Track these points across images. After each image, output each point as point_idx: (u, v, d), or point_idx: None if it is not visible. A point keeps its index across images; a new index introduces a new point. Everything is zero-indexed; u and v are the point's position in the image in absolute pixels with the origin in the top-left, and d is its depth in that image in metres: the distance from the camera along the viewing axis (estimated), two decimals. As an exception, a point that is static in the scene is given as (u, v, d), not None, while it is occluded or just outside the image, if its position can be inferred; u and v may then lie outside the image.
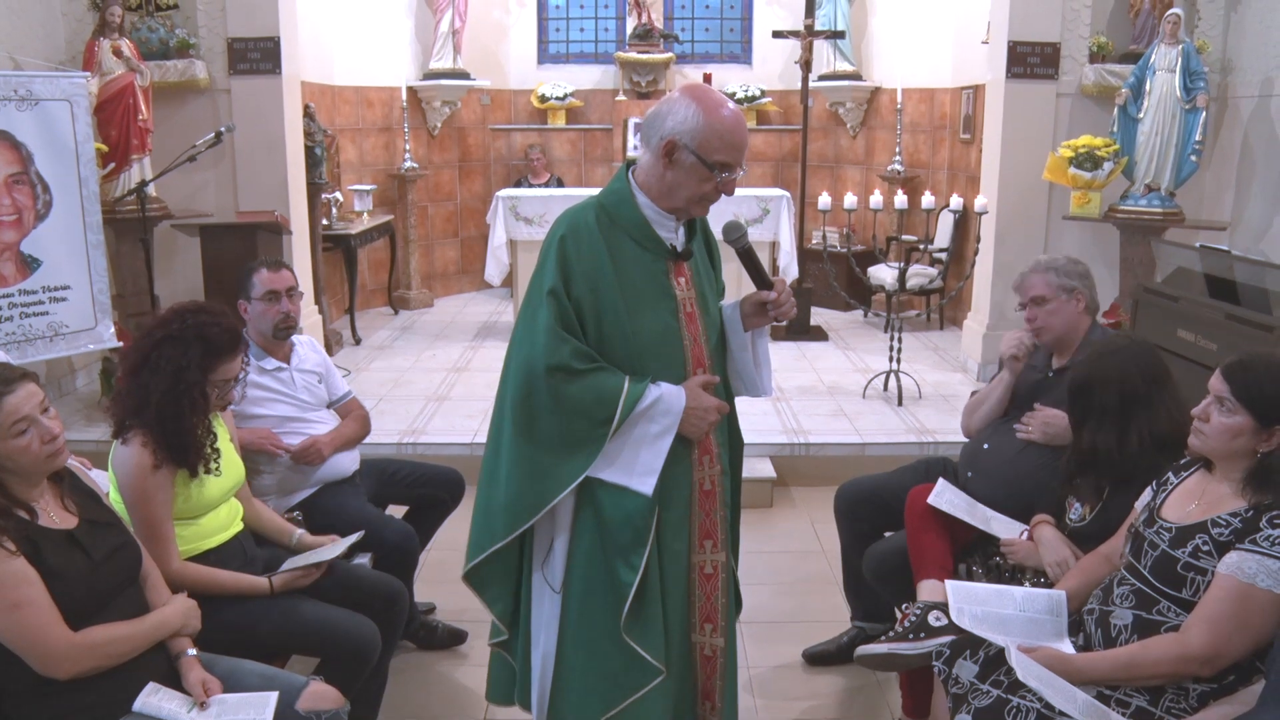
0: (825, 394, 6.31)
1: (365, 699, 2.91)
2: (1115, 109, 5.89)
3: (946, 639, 2.51)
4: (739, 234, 2.43)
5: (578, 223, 2.38)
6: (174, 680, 2.41)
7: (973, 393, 3.58)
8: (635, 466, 2.34)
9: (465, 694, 3.48)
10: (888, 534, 3.45)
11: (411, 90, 9.16)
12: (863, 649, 2.78)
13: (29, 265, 5.09)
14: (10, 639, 2.15)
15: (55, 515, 2.32)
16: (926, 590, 2.92)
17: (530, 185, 9.19)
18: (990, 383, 3.41)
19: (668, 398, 2.34)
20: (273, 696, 2.40)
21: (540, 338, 2.31)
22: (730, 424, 2.63)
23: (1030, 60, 6.29)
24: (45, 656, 2.17)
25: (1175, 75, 5.65)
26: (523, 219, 7.57)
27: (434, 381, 6.64)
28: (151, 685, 2.36)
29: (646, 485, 2.33)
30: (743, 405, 2.72)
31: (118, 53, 5.89)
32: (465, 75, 9.26)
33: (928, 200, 6.14)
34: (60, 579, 2.22)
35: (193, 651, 2.47)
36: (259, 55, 6.40)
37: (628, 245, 2.37)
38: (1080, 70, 6.29)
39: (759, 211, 7.50)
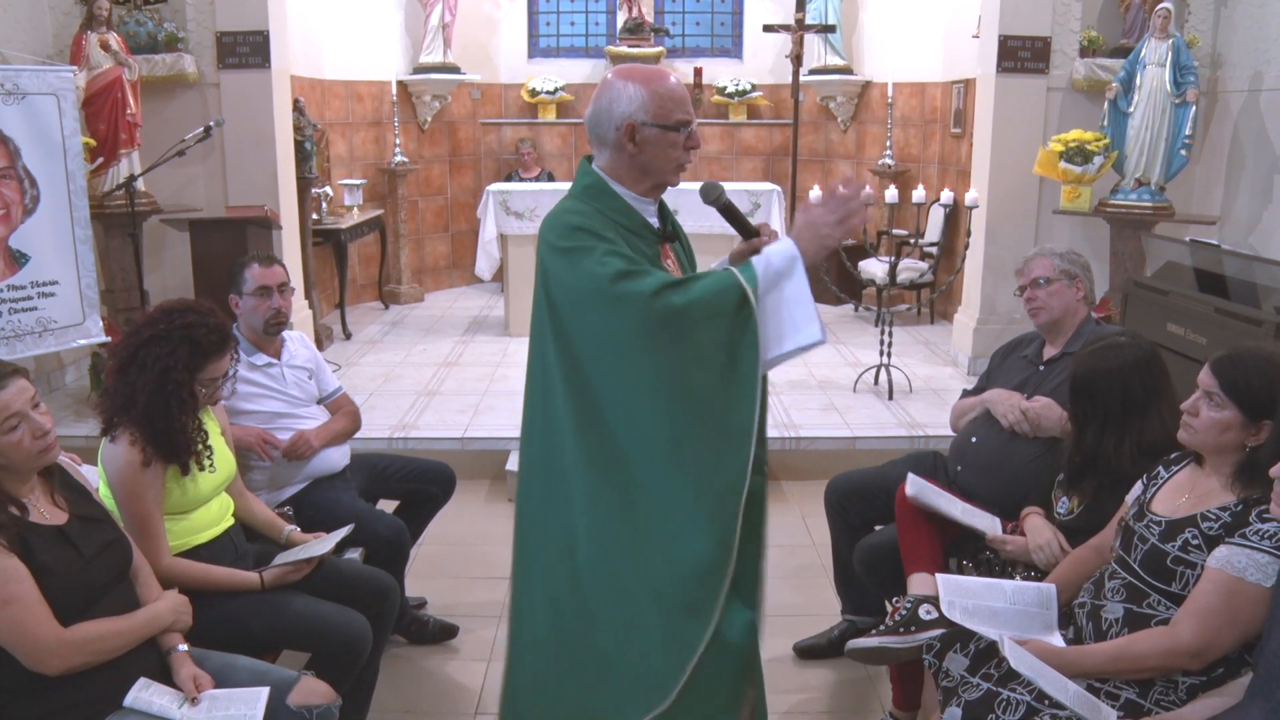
0: (816, 388, 6.32)
1: (357, 694, 2.90)
2: (1106, 103, 5.91)
3: (937, 632, 2.52)
4: (716, 193, 2.37)
5: (581, 215, 2.31)
6: (165, 676, 2.41)
7: (964, 391, 3.59)
8: (792, 326, 2.15)
9: (457, 688, 3.48)
10: (878, 528, 3.45)
11: (401, 84, 9.14)
12: (853, 643, 2.79)
13: (17, 261, 5.06)
14: (3, 635, 2.15)
15: (46, 511, 2.32)
16: (917, 584, 2.93)
17: (521, 179, 9.18)
18: (977, 397, 3.40)
19: (777, 250, 2.18)
20: (264, 692, 2.39)
21: (623, 285, 2.15)
22: None
23: (1021, 54, 6.29)
24: (35, 652, 2.16)
25: (1165, 69, 5.67)
26: (513, 213, 7.57)
27: (424, 376, 6.63)
28: (143, 681, 2.36)
29: (806, 336, 2.14)
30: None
31: (105, 46, 5.86)
32: (455, 69, 9.24)
33: (918, 194, 6.16)
34: (51, 575, 2.22)
35: (183, 647, 2.47)
36: (248, 49, 6.37)
37: (622, 233, 2.35)
38: (1071, 64, 6.30)
39: (749, 206, 7.50)
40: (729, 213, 2.37)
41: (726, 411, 2.16)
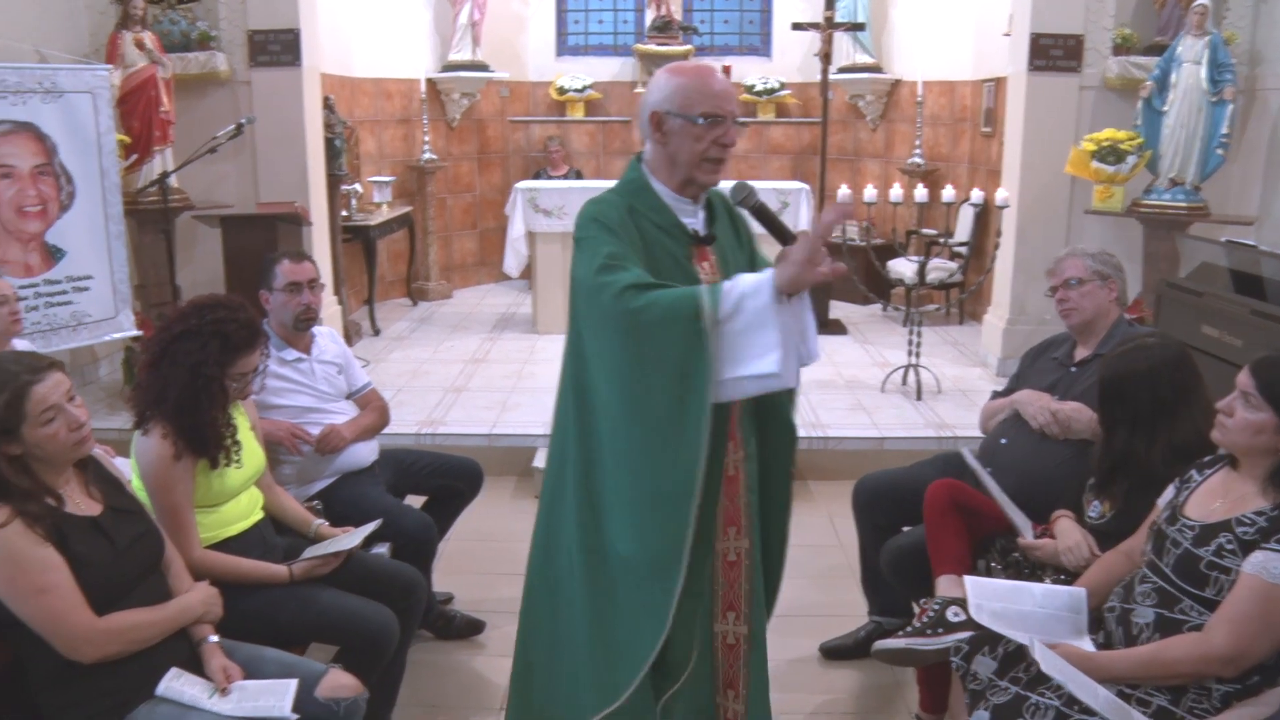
0: (844, 388, 6.29)
1: (383, 687, 2.92)
2: (1139, 102, 5.84)
3: (965, 635, 2.50)
4: (745, 193, 2.32)
5: (605, 206, 2.35)
6: (196, 666, 2.43)
7: (993, 393, 3.56)
8: (743, 354, 2.09)
9: (482, 683, 3.49)
10: (906, 529, 3.43)
11: (430, 82, 9.17)
12: (880, 644, 2.77)
13: (53, 255, 5.13)
14: (37, 623, 2.18)
15: (80, 502, 2.35)
16: (944, 585, 2.91)
17: (549, 177, 9.19)
18: (1006, 398, 3.38)
19: (751, 278, 2.11)
20: (292, 684, 2.41)
21: (602, 276, 2.17)
22: (770, 411, 2.51)
23: (1053, 53, 6.23)
24: (70, 640, 2.19)
25: (1202, 67, 5.59)
26: (541, 211, 7.58)
27: (452, 373, 6.66)
28: (174, 670, 2.39)
29: (762, 364, 2.07)
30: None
31: (140, 45, 5.92)
32: (484, 67, 9.26)
33: (948, 194, 6.11)
34: (85, 565, 2.25)
35: (214, 638, 2.49)
36: (279, 47, 6.42)
37: (650, 231, 2.36)
38: (1104, 63, 6.23)
39: (778, 205, 7.47)
40: (761, 215, 2.32)
41: (677, 421, 2.13)
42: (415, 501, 3.71)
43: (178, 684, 2.36)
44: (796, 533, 2.70)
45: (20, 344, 3.88)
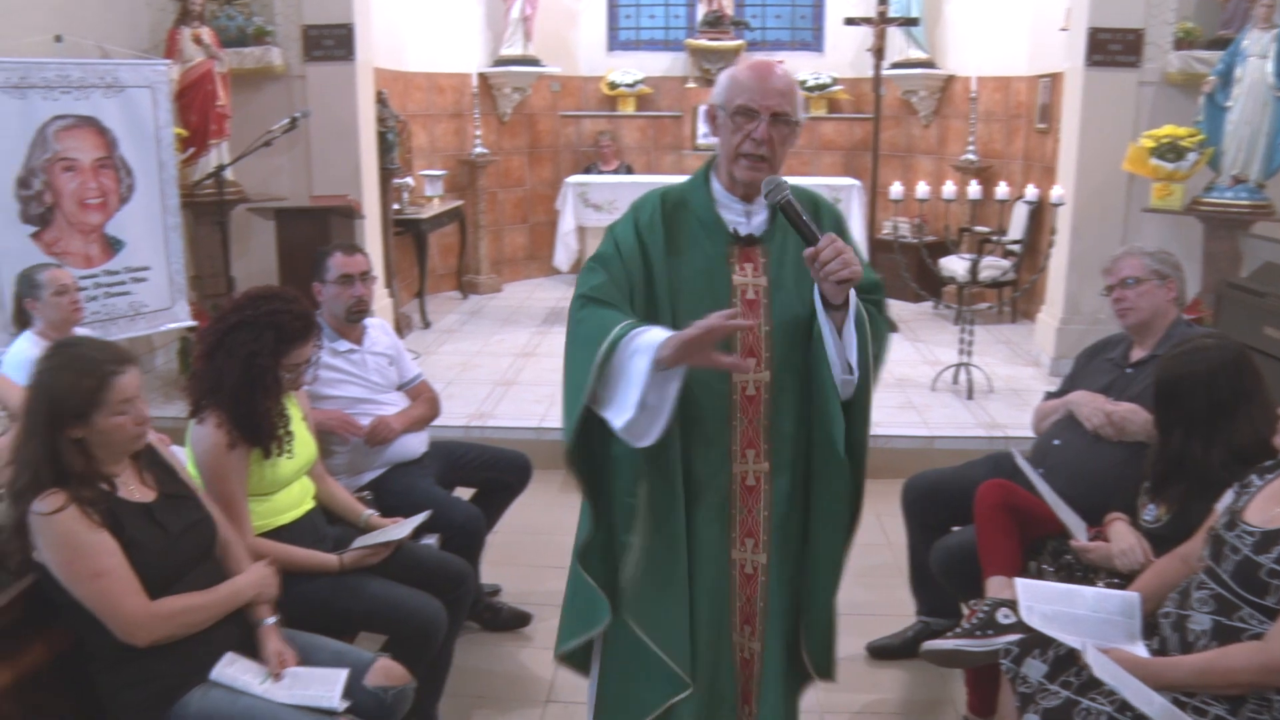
0: (894, 386, 6.24)
1: (431, 678, 2.95)
2: (1202, 97, 5.71)
3: (1015, 637, 2.47)
4: (770, 187, 2.24)
5: (647, 198, 2.40)
6: (251, 649, 2.47)
7: (1046, 394, 3.52)
8: (616, 399, 2.18)
9: (528, 676, 3.51)
10: (955, 529, 3.40)
11: (482, 76, 9.22)
12: (929, 644, 2.75)
13: (112, 247, 5.24)
14: (92, 606, 2.22)
15: (134, 489, 2.39)
16: (995, 587, 2.88)
17: (600, 172, 9.20)
18: (1060, 399, 3.33)
19: (653, 331, 2.16)
20: (342, 674, 2.44)
21: (583, 270, 2.35)
22: (822, 433, 2.36)
23: (1111, 47, 6.13)
24: (123, 624, 2.23)
25: (1268, 61, 5.45)
26: (592, 205, 7.60)
27: (502, 366, 6.69)
28: (229, 655, 2.42)
29: (620, 417, 2.16)
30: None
31: (198, 40, 6.01)
32: (536, 62, 9.29)
33: (1002, 191, 6.04)
34: (139, 551, 2.29)
35: (272, 620, 2.53)
36: (333, 42, 6.50)
37: (692, 226, 2.36)
38: (1165, 57, 6.11)
39: (830, 199, 7.42)
40: (786, 214, 2.22)
41: (568, 413, 2.26)
42: (464, 493, 3.74)
43: (232, 669, 2.39)
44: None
45: (81, 333, 3.97)
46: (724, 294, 2.32)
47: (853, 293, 2.23)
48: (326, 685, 2.41)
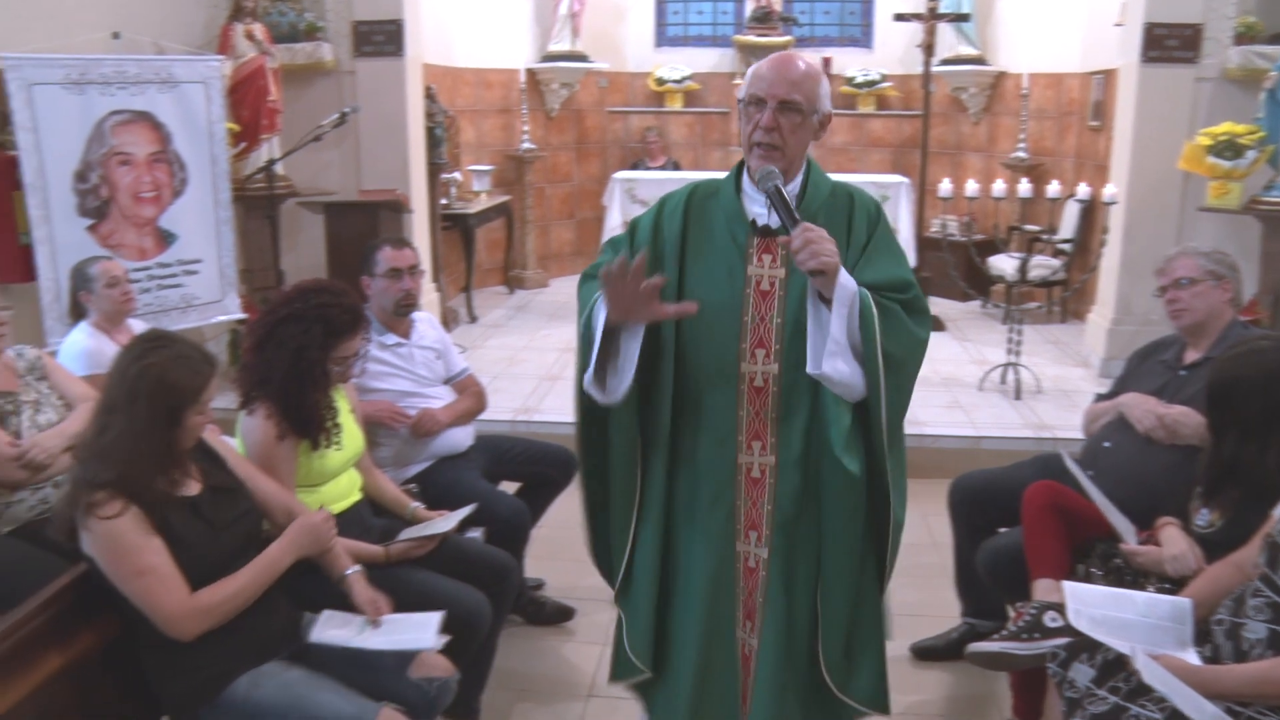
0: (940, 385, 6.18)
1: (474, 670, 2.96)
2: (1262, 94, 5.58)
3: (1062, 641, 2.44)
4: (762, 174, 2.26)
5: (679, 189, 2.46)
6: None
7: (1097, 395, 3.47)
8: (585, 360, 2.34)
9: (571, 670, 3.53)
10: (1002, 530, 3.36)
11: (530, 72, 9.25)
12: (974, 646, 2.73)
13: (165, 240, 5.32)
14: (137, 603, 2.26)
15: (183, 482, 2.42)
16: (1042, 590, 2.84)
17: (647, 168, 9.20)
18: (1111, 401, 3.28)
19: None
20: (436, 616, 2.53)
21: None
22: (819, 422, 2.34)
23: (1168, 43, 6.01)
24: (167, 620, 2.26)
25: (1332, 57, 5.34)
26: (639, 201, 7.59)
27: (547, 361, 6.71)
28: (327, 613, 2.51)
29: (586, 377, 2.33)
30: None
31: (250, 36, 6.09)
32: (583, 58, 9.31)
33: (1053, 189, 5.96)
34: (183, 546, 2.31)
35: (355, 569, 2.59)
36: (383, 38, 6.55)
37: (718, 216, 2.39)
38: (1224, 53, 5.99)
39: (877, 198, 7.36)
40: (774, 201, 2.24)
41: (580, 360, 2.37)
42: (509, 488, 3.76)
43: (330, 630, 2.47)
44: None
45: (134, 324, 4.04)
46: (738, 283, 2.34)
47: (853, 287, 2.20)
48: (420, 629, 2.48)
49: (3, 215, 4.74)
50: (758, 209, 2.35)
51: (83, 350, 3.79)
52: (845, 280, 2.18)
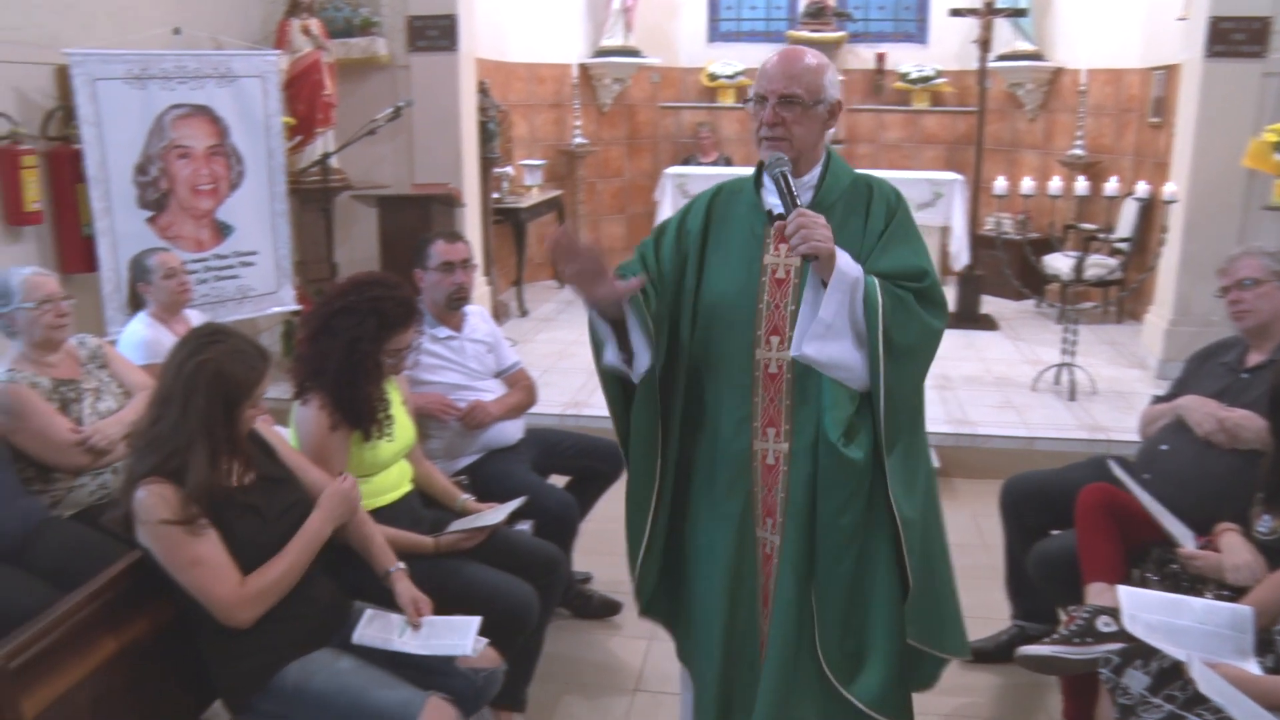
0: (993, 384, 6.12)
1: (521, 662, 2.98)
2: (1331, 90, 5.46)
3: (1115, 646, 2.41)
4: (772, 159, 2.32)
5: (706, 191, 2.56)
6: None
7: (1154, 397, 3.41)
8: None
9: (617, 663, 3.53)
10: (1054, 532, 3.32)
11: (583, 67, 9.27)
12: (1024, 649, 2.69)
13: (222, 232, 5.40)
14: (192, 591, 2.29)
15: (235, 472, 2.45)
16: (1095, 593, 2.81)
17: (699, 163, 9.17)
18: (1169, 403, 3.22)
19: None
20: (475, 621, 2.54)
21: None
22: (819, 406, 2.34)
23: (1234, 37, 5.88)
24: (221, 608, 2.30)
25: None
26: (690, 197, 7.57)
27: (596, 356, 6.70)
28: (369, 612, 2.53)
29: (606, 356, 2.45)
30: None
31: (306, 31, 6.17)
32: (636, 53, 9.31)
33: (1111, 187, 5.86)
34: (234, 537, 2.35)
35: (400, 566, 2.63)
36: (437, 33, 6.60)
37: (740, 209, 2.47)
38: (1292, 47, 5.85)
39: (930, 195, 7.30)
40: (777, 185, 2.27)
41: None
42: (558, 481, 3.77)
43: (371, 629, 2.49)
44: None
45: (191, 314, 4.11)
46: (754, 272, 2.40)
47: (855, 273, 2.20)
48: (459, 634, 2.50)
49: (67, 207, 4.84)
50: (774, 200, 2.38)
51: (141, 340, 3.86)
52: (846, 266, 2.19)
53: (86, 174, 4.78)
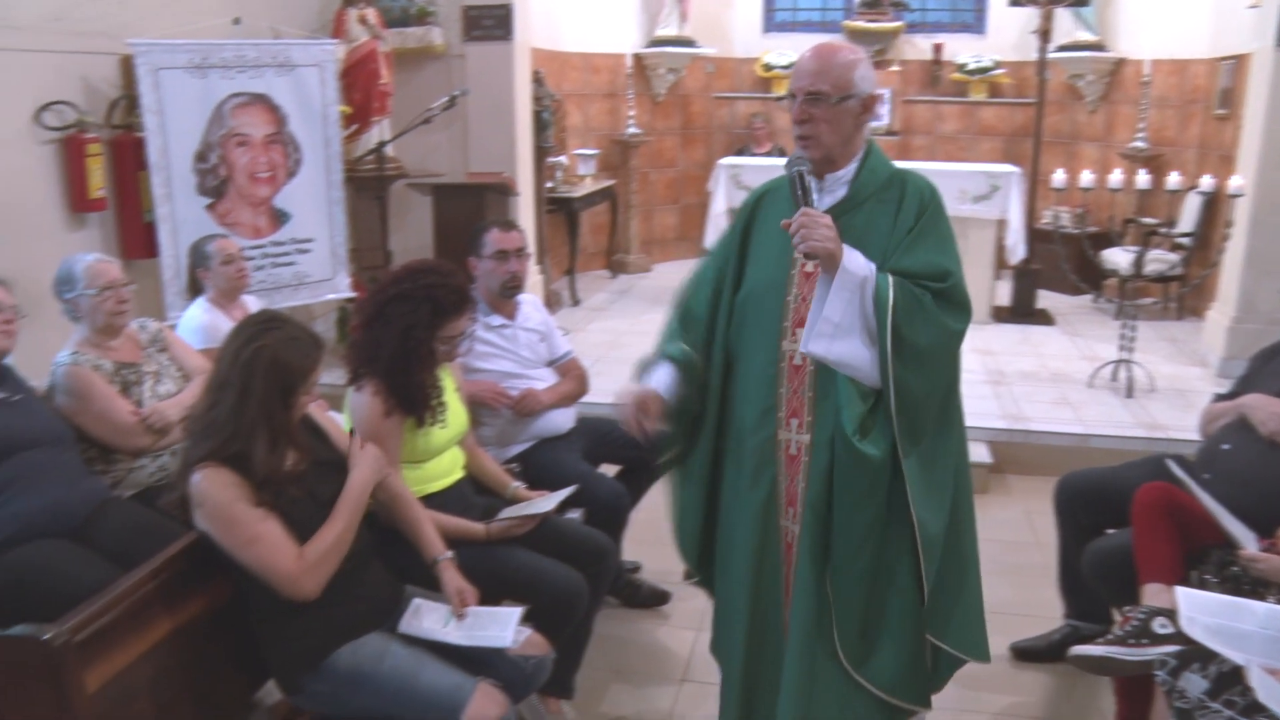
0: (1048, 380, 6.03)
1: (570, 650, 2.99)
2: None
3: (1171, 648, 2.36)
4: (790, 159, 2.37)
5: (749, 194, 2.65)
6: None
7: (1215, 395, 3.34)
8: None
9: (665, 653, 3.54)
10: (1110, 531, 3.27)
11: (637, 57, 9.26)
12: (1078, 649, 2.66)
13: (279, 219, 5.47)
14: (256, 569, 2.33)
15: (288, 457, 2.48)
16: (1151, 594, 2.76)
17: (753, 154, 9.12)
18: (1231, 402, 3.15)
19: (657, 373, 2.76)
20: (516, 613, 2.58)
21: None
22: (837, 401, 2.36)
23: (1307, 26, 5.72)
24: (287, 581, 2.33)
25: None
26: (744, 187, 7.54)
27: (649, 345, 6.67)
28: (415, 602, 2.57)
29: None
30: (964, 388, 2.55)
31: (363, 21, 6.22)
32: (691, 43, 9.29)
33: (1173, 180, 5.74)
34: (288, 518, 2.37)
35: (448, 554, 2.66)
36: (492, 22, 6.63)
37: (781, 204, 2.46)
38: (1369, 37, 5.68)
39: (987, 188, 7.20)
40: (794, 183, 2.32)
41: None
42: (609, 470, 3.77)
43: (417, 620, 2.53)
44: (992, 527, 2.60)
45: (249, 300, 4.17)
46: (785, 265, 2.45)
47: (863, 272, 2.24)
48: (501, 625, 2.53)
49: (129, 194, 4.94)
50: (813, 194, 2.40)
51: (199, 325, 3.93)
52: (854, 265, 2.22)
53: (149, 161, 4.87)
